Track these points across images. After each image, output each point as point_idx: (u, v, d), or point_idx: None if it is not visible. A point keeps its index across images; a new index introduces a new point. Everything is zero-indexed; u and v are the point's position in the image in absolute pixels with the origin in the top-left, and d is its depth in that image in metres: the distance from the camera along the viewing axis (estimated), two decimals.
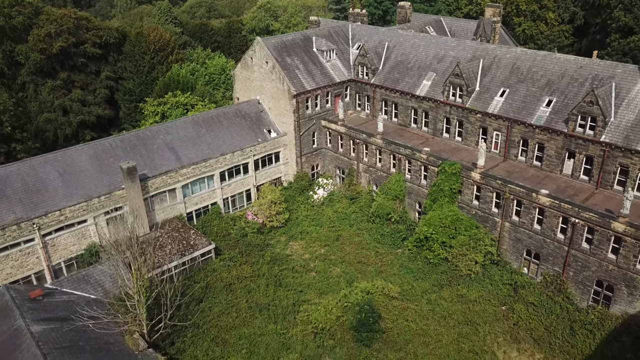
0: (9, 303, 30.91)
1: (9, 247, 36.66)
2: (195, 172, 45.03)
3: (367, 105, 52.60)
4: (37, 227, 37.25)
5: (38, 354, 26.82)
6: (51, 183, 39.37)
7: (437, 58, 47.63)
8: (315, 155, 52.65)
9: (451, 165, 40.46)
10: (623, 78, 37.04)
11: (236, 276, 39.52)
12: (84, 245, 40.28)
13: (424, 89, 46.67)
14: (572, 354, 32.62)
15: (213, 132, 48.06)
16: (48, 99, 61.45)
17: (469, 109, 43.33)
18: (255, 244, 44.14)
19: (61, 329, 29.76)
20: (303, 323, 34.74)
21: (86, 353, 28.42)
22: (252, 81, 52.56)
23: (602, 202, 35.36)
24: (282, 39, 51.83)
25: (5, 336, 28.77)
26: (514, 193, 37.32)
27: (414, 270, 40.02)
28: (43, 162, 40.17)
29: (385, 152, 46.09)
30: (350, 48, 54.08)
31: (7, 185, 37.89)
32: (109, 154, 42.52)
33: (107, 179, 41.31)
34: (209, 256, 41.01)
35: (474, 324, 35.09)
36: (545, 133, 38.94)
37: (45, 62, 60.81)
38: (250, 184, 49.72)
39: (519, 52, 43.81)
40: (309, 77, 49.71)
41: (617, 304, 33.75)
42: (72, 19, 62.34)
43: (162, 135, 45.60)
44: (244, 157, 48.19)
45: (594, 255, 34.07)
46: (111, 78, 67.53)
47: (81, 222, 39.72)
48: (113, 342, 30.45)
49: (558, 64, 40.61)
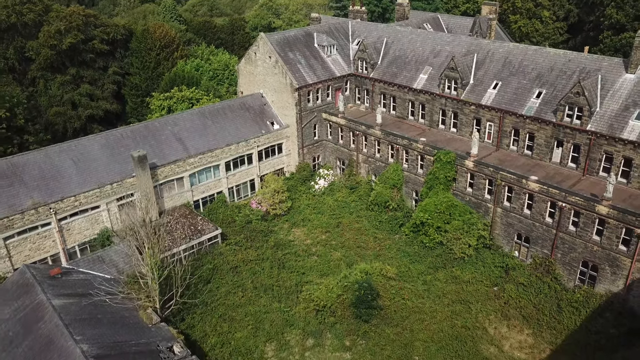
0: (30, 280, 33.00)
1: (28, 230, 38.74)
2: (202, 161, 47.09)
3: (367, 99, 54.66)
4: (54, 212, 39.32)
5: (60, 324, 28.90)
6: (66, 171, 41.43)
7: (434, 53, 49.69)
8: (316, 147, 54.71)
9: (446, 154, 42.52)
10: (608, 70, 39.10)
11: (242, 259, 41.59)
12: (97, 230, 42.35)
13: (421, 83, 48.71)
14: (559, 330, 34.68)
15: (219, 123, 50.11)
16: (57, 93, 63.51)
17: (463, 101, 45.39)
18: (259, 230, 46.16)
19: (80, 303, 31.85)
20: (305, 301, 36.81)
21: (104, 325, 30.49)
22: (255, 75, 54.61)
23: (588, 187, 37.42)
24: (284, 34, 53.88)
25: (29, 309, 30.86)
26: (505, 180, 39.39)
27: (410, 254, 42.08)
28: (58, 151, 42.22)
29: (384, 142, 48.13)
30: (350, 44, 56.14)
31: (25, 172, 39.96)
32: (120, 144, 44.57)
33: (118, 167, 43.37)
34: (215, 241, 43.07)
35: (467, 303, 37.17)
36: (535, 123, 40.99)
37: (55, 57, 62.87)
38: (254, 174, 51.78)
39: (511, 46, 45.87)
40: (310, 71, 51.76)
41: (602, 283, 35.81)
42: (80, 16, 64.40)
43: (170, 127, 47.65)
44: (248, 148, 50.23)
45: (580, 238, 36.12)
46: (118, 73, 69.59)
47: (94, 207, 41.79)
48: (128, 316, 32.54)
49: (548, 58, 42.66)
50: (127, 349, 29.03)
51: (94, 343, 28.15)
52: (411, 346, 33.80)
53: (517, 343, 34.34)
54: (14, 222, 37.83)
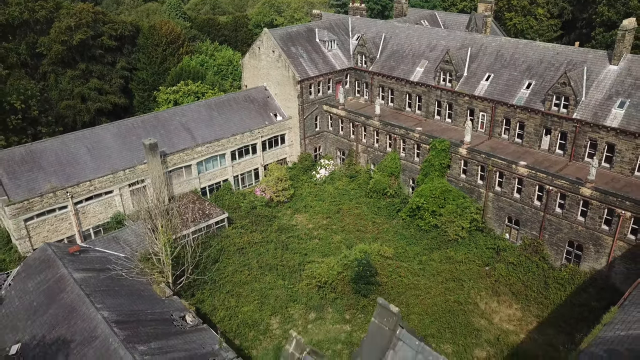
0: (51, 256, 35.31)
1: (46, 212, 41.11)
2: (209, 150, 49.43)
3: (366, 91, 57.02)
4: (70, 196, 41.68)
5: (81, 294, 31.22)
6: (81, 157, 43.80)
7: (430, 47, 52.04)
8: (317, 138, 57.07)
9: (441, 142, 44.88)
10: (594, 62, 41.46)
11: (247, 241, 43.95)
12: (110, 214, 44.71)
13: (417, 75, 51.06)
14: (545, 304, 37.03)
15: (224, 115, 52.47)
16: (68, 87, 65.84)
17: (457, 92, 47.74)
18: (263, 215, 48.49)
19: (98, 277, 34.18)
20: (308, 278, 39.16)
21: (121, 296, 32.82)
22: (259, 69, 56.97)
23: (573, 172, 39.76)
24: (287, 30, 56.26)
25: (52, 281, 33.19)
26: (496, 165, 41.74)
27: (407, 236, 44.45)
28: (73, 139, 44.59)
29: (382, 132, 50.49)
30: (350, 39, 58.50)
31: (43, 158, 42.33)
32: (131, 133, 46.93)
33: (130, 154, 45.71)
34: (222, 224, 45.43)
35: (460, 280, 39.53)
36: (525, 112, 43.35)
37: (66, 53, 65.20)
38: (258, 163, 54.14)
39: (503, 40, 48.24)
40: (312, 65, 54.12)
41: (586, 261, 38.17)
42: (90, 13, 66.75)
43: (178, 117, 50.01)
44: (252, 138, 52.58)
45: (566, 219, 38.47)
46: (126, 68, 71.95)
47: (108, 192, 44.16)
48: (143, 289, 34.87)
49: (537, 51, 45.02)
50: (143, 317, 31.38)
51: (113, 311, 30.49)
52: (407, 319, 36.12)
53: (506, 316, 36.68)
54: (34, 204, 40.19)
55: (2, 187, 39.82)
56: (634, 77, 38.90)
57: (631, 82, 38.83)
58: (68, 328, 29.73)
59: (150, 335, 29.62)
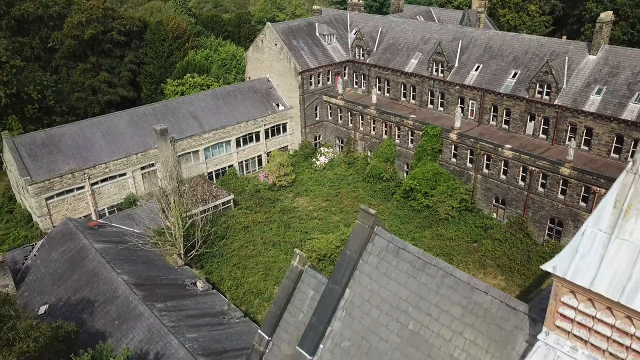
0: (73, 229, 38.45)
1: (65, 192, 44.24)
2: (215, 137, 52.54)
3: (363, 82, 60.11)
4: (87, 177, 44.81)
5: (103, 261, 34.35)
6: (97, 142, 46.93)
7: (423, 40, 55.11)
8: (317, 127, 60.17)
9: (433, 128, 47.98)
10: (574, 53, 44.53)
11: (252, 220, 47.07)
12: (124, 195, 47.84)
13: (412, 67, 54.14)
14: (527, 275, 40.14)
15: (230, 104, 55.58)
16: (79, 80, 68.94)
17: (449, 82, 50.81)
18: (266, 198, 51.62)
19: (116, 248, 37.32)
20: (308, 252, 42.20)
21: (138, 264, 35.97)
22: (262, 62, 60.07)
23: (555, 154, 42.82)
24: (289, 24, 59.37)
25: (74, 251, 36.31)
26: (484, 149, 44.82)
27: (401, 216, 47.55)
28: (89, 125, 47.73)
29: (379, 121, 53.57)
30: (348, 33, 61.59)
31: (61, 142, 45.47)
32: (142, 120, 50.05)
33: (142, 140, 48.83)
34: (228, 205, 48.54)
35: (450, 255, 42.64)
36: (511, 100, 46.42)
37: (77, 47, 68.29)
38: (261, 150, 57.25)
39: (492, 33, 51.33)
40: (312, 57, 57.21)
41: (566, 236, 41.25)
42: (100, 9, 69.83)
43: (186, 106, 53.14)
44: (256, 126, 55.70)
45: (548, 197, 41.55)
46: (134, 62, 75.03)
47: (122, 175, 47.30)
48: (157, 260, 38.02)
49: (523, 43, 48.09)
50: (158, 281, 34.53)
51: (131, 275, 33.63)
52: None
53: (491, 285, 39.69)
54: (54, 184, 43.33)
55: (25, 168, 42.93)
56: (611, 66, 41.95)
57: (608, 71, 41.88)
58: (91, 290, 32.85)
59: (165, 296, 32.75)
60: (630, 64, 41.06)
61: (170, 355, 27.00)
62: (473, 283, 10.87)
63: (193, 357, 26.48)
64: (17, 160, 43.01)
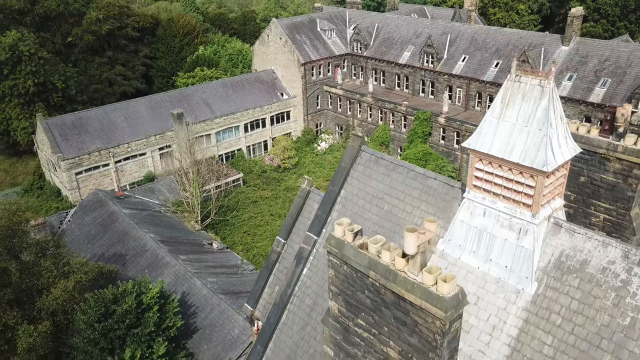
0: (102, 198, 43.43)
1: (92, 168, 49.24)
2: (225, 122, 57.57)
3: (361, 74, 65.19)
4: (112, 155, 49.81)
5: (131, 223, 39.33)
6: (120, 124, 51.96)
7: (415, 34, 60.20)
8: (318, 115, 65.21)
9: (423, 113, 53.02)
10: (550, 44, 49.61)
11: (259, 196, 52.07)
12: (143, 173, 52.83)
13: (405, 58, 59.21)
14: None
15: (238, 93, 60.64)
16: (96, 72, 74.01)
17: (438, 71, 55.87)
18: (272, 177, 56.63)
19: (141, 214, 42.31)
20: None
21: (162, 226, 40.95)
22: (268, 55, 65.15)
23: None
24: (292, 20, 64.49)
25: (105, 215, 41.29)
26: (469, 131, 49.81)
27: None
28: (113, 109, 52.78)
29: (375, 108, 58.62)
30: (347, 28, 66.69)
31: (89, 124, 50.50)
32: (160, 105, 55.08)
33: (159, 123, 53.85)
34: (238, 183, 53.54)
35: None
36: (494, 87, 51.46)
37: (95, 42, 73.39)
38: (267, 136, 62.28)
39: (477, 28, 56.45)
40: (314, 50, 62.29)
41: None
42: (116, 6, 74.96)
43: (199, 93, 58.19)
44: (262, 113, 60.73)
45: None
46: (147, 57, 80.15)
47: (142, 154, 52.30)
48: (177, 224, 43.01)
49: (505, 36, 53.19)
50: (180, 240, 39.53)
51: (157, 234, 38.60)
52: None
53: None
54: (82, 161, 48.33)
55: (58, 146, 47.95)
56: (580, 55, 47.02)
57: (578, 60, 46.93)
58: (122, 246, 37.82)
59: (187, 251, 37.76)
60: (597, 53, 46.13)
61: (195, 293, 31.98)
62: (427, 174, 15.90)
63: (214, 294, 31.47)
64: (50, 139, 48.03)
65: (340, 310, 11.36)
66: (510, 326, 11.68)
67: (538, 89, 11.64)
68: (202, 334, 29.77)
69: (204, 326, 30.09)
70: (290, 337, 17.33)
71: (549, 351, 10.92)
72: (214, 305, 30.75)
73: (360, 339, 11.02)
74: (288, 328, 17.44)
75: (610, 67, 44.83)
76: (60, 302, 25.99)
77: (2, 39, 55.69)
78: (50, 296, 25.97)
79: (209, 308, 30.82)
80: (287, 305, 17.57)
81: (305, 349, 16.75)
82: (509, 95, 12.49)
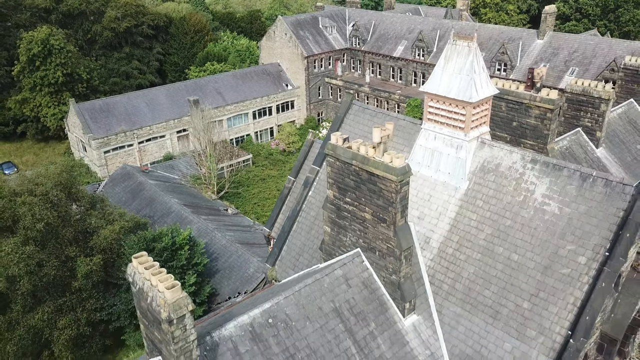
0: (130, 171, 49.43)
1: (118, 148, 55.23)
2: (236, 109, 63.55)
3: (359, 67, 71.19)
4: (136, 136, 55.78)
5: (157, 191, 45.29)
6: (142, 110, 57.97)
7: (408, 30, 66.23)
8: (320, 104, 71.18)
9: (414, 100, 58.95)
10: (527, 38, 55.56)
11: (267, 175, 57.99)
12: (163, 154, 58.81)
13: (399, 52, 65.20)
14: None
15: (247, 83, 66.66)
16: (115, 67, 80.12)
17: (429, 64, 61.82)
18: (278, 159, 62.53)
19: (165, 184, 48.28)
20: None
21: (183, 194, 46.91)
22: (274, 49, 71.20)
23: None
24: (296, 17, 70.59)
25: (134, 185, 47.26)
26: None
27: None
28: (135, 96, 58.83)
29: (372, 97, 64.57)
30: (346, 25, 72.74)
31: (115, 109, 56.54)
32: (177, 94, 61.11)
33: (177, 109, 59.85)
34: (248, 163, 59.50)
35: None
36: None
37: (114, 38, 79.54)
38: (273, 123, 68.26)
39: (464, 24, 62.42)
40: (316, 45, 68.32)
41: None
42: (133, 5, 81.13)
43: (212, 83, 64.24)
44: (268, 102, 66.72)
45: None
46: (160, 53, 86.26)
47: (162, 136, 58.27)
48: (196, 194, 48.97)
49: (488, 31, 59.15)
50: (200, 205, 45.48)
51: (180, 200, 44.56)
52: None
53: None
54: (110, 141, 54.31)
55: (89, 127, 53.97)
56: (553, 47, 52.94)
57: (551, 52, 52.87)
58: (150, 209, 43.76)
59: (207, 213, 43.72)
60: (567, 45, 52.07)
61: (216, 242, 37.89)
62: (399, 117, 21.82)
63: (232, 243, 37.39)
64: (82, 121, 54.05)
65: (334, 195, 17.25)
66: (451, 212, 17.45)
67: (467, 49, 17.48)
68: (223, 274, 35.69)
69: (224, 268, 36.01)
70: (299, 240, 23.31)
71: (474, 224, 16.63)
72: (232, 252, 36.67)
73: (347, 212, 16.85)
74: (297, 234, 23.39)
75: (578, 58, 50.77)
76: (109, 241, 31.90)
77: (34, 34, 61.77)
78: (100, 236, 31.89)
79: (228, 254, 36.73)
80: (297, 217, 23.50)
81: (310, 245, 22.74)
82: (449, 54, 18.43)
